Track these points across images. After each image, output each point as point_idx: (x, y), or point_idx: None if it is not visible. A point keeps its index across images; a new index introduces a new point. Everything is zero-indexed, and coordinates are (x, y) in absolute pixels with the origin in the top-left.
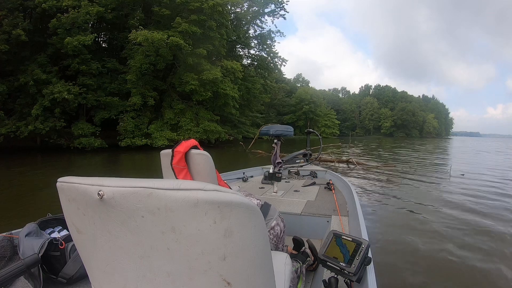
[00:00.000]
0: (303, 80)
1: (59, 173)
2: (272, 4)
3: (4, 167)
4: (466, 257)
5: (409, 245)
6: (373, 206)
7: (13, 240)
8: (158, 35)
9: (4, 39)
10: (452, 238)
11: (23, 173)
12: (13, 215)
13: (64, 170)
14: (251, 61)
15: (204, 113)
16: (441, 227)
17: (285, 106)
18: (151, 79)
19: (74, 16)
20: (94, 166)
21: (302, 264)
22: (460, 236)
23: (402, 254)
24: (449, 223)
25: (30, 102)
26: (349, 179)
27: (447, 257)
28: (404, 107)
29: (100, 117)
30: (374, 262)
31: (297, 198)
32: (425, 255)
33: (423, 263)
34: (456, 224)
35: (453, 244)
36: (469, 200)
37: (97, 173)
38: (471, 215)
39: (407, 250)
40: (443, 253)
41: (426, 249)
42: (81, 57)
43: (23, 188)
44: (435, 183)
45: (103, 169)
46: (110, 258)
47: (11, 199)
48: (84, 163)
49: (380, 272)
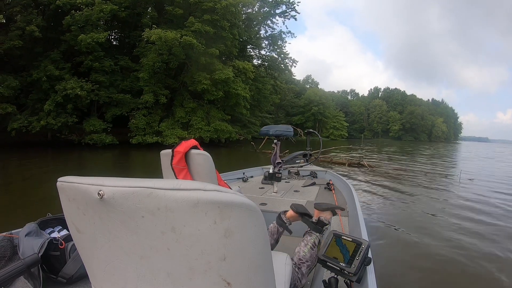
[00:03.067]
0: (312, 81)
1: (72, 168)
2: (283, 5)
3: (16, 160)
4: (467, 258)
5: (409, 245)
6: (376, 206)
7: (13, 240)
8: (171, 34)
9: (18, 35)
10: (454, 239)
11: (34, 167)
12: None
13: (77, 166)
14: (262, 61)
15: (215, 113)
16: (444, 229)
17: (294, 107)
18: (163, 77)
19: (88, 13)
20: (104, 162)
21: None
22: (462, 238)
23: (402, 255)
24: (453, 226)
25: (42, 97)
26: (358, 180)
27: (447, 258)
28: (413, 110)
29: (112, 114)
30: (374, 263)
31: (297, 198)
32: (426, 255)
33: (423, 263)
34: (460, 226)
35: (454, 245)
36: (475, 204)
37: (108, 169)
38: (475, 218)
39: (407, 251)
40: (443, 254)
41: (427, 250)
42: (95, 55)
43: (33, 182)
44: (443, 186)
45: (113, 166)
46: (110, 258)
47: (26, 192)
48: (95, 158)
49: (380, 272)
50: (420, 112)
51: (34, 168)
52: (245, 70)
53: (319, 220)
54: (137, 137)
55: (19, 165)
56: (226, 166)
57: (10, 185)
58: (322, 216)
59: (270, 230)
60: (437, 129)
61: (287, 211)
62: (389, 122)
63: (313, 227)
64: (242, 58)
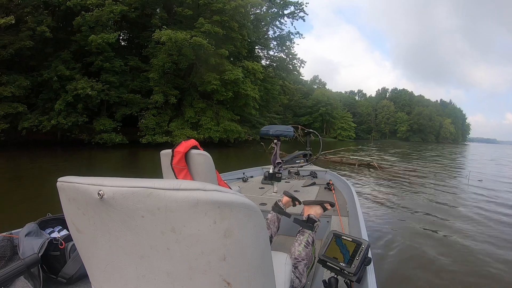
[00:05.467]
0: (320, 81)
1: (83, 167)
2: (291, 6)
3: (27, 159)
4: (468, 259)
5: (409, 245)
6: (379, 206)
7: (13, 240)
8: (181, 35)
9: (28, 35)
10: (455, 239)
11: (46, 166)
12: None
13: (86, 164)
14: (270, 62)
15: (225, 113)
16: (447, 230)
17: (302, 108)
18: (173, 77)
19: (98, 14)
20: (114, 161)
21: (311, 231)
22: (464, 238)
23: (403, 255)
24: (457, 226)
25: (52, 97)
26: (367, 180)
27: (448, 258)
28: (420, 111)
29: (122, 114)
30: (374, 263)
31: None
32: (426, 255)
33: (423, 264)
34: (464, 227)
35: (455, 245)
36: (483, 204)
37: (117, 168)
38: (481, 219)
39: (407, 251)
40: (444, 254)
41: (427, 250)
42: (105, 55)
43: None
44: (451, 187)
45: (122, 166)
46: (110, 258)
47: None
48: (104, 158)
49: (380, 272)
50: (428, 113)
51: (44, 166)
52: (254, 71)
53: (309, 217)
54: (147, 137)
55: (29, 163)
56: (236, 166)
57: (21, 180)
58: (311, 214)
59: (270, 219)
60: (445, 130)
61: (283, 198)
62: (396, 123)
63: (304, 224)
64: (251, 59)
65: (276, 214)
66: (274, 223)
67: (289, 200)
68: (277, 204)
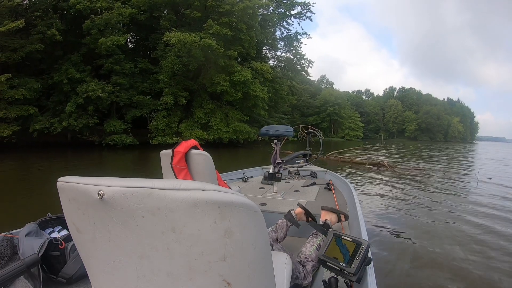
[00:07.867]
0: (327, 81)
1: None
2: (298, 6)
3: (38, 160)
4: (469, 260)
5: (410, 245)
6: (381, 206)
7: (13, 240)
8: (190, 37)
9: (39, 39)
10: (456, 240)
11: (56, 166)
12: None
13: (98, 164)
14: (278, 62)
15: (234, 114)
16: (450, 229)
17: (309, 108)
18: (182, 79)
19: (108, 17)
20: (124, 162)
21: (324, 236)
22: (466, 239)
23: (403, 255)
24: (461, 226)
25: (63, 99)
26: (376, 179)
27: (448, 259)
28: (428, 110)
29: (132, 115)
30: (374, 263)
31: (297, 198)
32: (426, 255)
33: (423, 264)
34: (468, 226)
35: (456, 246)
36: (491, 202)
37: (127, 169)
38: (488, 220)
39: (407, 251)
40: (444, 254)
41: (427, 250)
42: (115, 57)
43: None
44: (459, 185)
45: (132, 167)
46: (110, 258)
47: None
48: (114, 159)
49: (380, 272)
50: (436, 111)
51: (53, 167)
52: (263, 72)
53: (325, 222)
54: (157, 138)
55: (40, 164)
56: (245, 166)
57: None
58: (327, 219)
59: (280, 224)
60: (453, 129)
61: (296, 209)
62: (404, 122)
63: (320, 229)
64: (259, 60)
65: (286, 221)
66: (283, 228)
67: (302, 212)
68: (289, 212)
